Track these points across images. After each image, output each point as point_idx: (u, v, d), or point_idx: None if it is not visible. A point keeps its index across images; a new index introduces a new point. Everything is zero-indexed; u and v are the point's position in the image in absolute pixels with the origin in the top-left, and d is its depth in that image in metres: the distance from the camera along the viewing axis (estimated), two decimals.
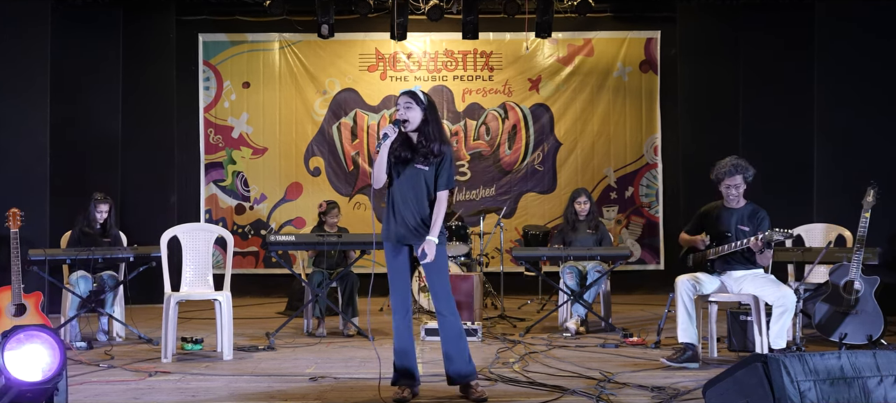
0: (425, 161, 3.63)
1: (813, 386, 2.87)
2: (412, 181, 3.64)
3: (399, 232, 3.67)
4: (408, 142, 3.67)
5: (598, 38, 9.10)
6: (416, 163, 3.63)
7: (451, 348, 3.69)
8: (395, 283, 3.74)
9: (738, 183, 4.60)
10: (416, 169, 3.63)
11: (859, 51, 6.49)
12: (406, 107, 3.62)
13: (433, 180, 3.65)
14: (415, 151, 3.64)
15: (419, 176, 3.63)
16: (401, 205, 3.66)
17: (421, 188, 3.64)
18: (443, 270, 3.69)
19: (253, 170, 9.03)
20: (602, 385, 3.93)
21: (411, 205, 3.64)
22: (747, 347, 4.95)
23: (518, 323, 6.41)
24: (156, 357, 4.90)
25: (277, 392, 3.89)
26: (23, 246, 5.22)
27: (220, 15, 8.93)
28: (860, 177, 5.32)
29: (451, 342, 3.69)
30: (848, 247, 5.35)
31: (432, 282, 3.69)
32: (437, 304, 3.70)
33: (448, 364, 3.71)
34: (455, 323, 3.69)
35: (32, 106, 6.63)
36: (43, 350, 3.07)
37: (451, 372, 3.71)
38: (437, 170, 3.64)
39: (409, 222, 3.65)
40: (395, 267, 3.73)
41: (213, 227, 5.56)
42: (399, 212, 3.66)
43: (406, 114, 3.61)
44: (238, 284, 7.29)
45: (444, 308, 3.68)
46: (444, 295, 3.68)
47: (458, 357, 3.68)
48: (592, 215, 6.35)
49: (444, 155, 3.65)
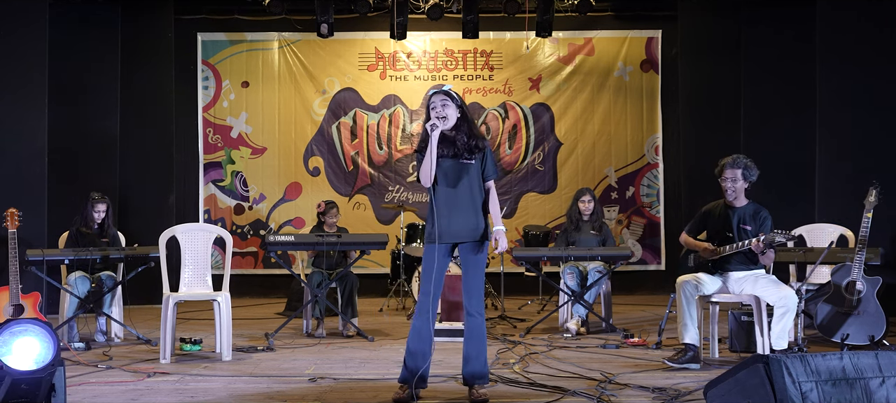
0: (471, 156, 3.66)
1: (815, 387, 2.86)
2: (461, 177, 3.64)
3: (451, 231, 3.63)
4: (447, 140, 3.66)
5: (598, 38, 9.08)
6: (462, 159, 3.65)
7: (472, 349, 3.68)
8: (429, 285, 3.65)
9: (736, 177, 4.58)
10: (463, 164, 3.65)
11: (862, 48, 6.46)
12: (443, 105, 3.63)
13: (480, 173, 3.69)
14: (458, 148, 3.65)
15: (468, 170, 3.65)
16: (453, 203, 3.63)
17: (471, 183, 3.66)
18: (482, 270, 3.70)
19: (252, 169, 9.01)
20: (603, 386, 3.92)
21: (464, 202, 3.64)
22: (749, 348, 4.94)
23: (518, 323, 6.39)
24: (154, 357, 4.89)
25: (276, 393, 3.87)
26: (21, 246, 5.20)
27: (218, 14, 8.92)
28: (862, 177, 5.31)
29: (474, 342, 3.68)
30: (850, 248, 5.33)
31: (469, 280, 3.67)
32: (469, 303, 3.68)
33: (466, 364, 3.70)
34: (481, 325, 3.68)
35: (30, 105, 6.60)
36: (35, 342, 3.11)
37: (467, 373, 3.70)
38: (482, 162, 3.69)
39: (464, 219, 3.63)
40: (440, 267, 3.67)
41: (212, 227, 5.54)
42: (453, 211, 3.63)
43: (444, 111, 3.62)
44: (237, 284, 7.28)
45: (475, 307, 3.67)
46: (477, 295, 3.68)
47: (476, 358, 3.68)
48: (596, 215, 6.33)
49: (485, 148, 3.72)
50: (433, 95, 3.67)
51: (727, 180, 4.61)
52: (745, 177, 4.60)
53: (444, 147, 3.64)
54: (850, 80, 6.49)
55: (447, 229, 3.62)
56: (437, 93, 3.66)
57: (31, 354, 3.08)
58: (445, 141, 3.64)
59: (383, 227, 8.85)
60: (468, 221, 3.64)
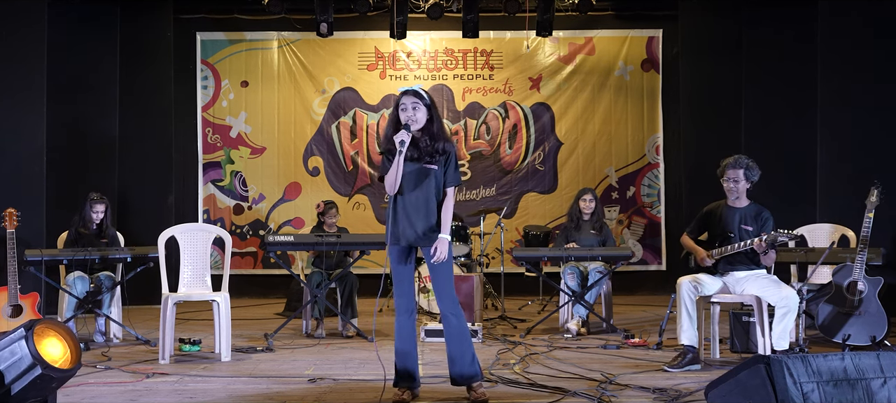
0: (433, 160, 3.61)
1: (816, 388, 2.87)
2: (421, 181, 3.61)
3: (408, 234, 3.62)
4: (413, 143, 3.62)
5: (599, 37, 9.06)
6: (424, 163, 3.61)
7: (455, 349, 3.67)
8: (400, 285, 3.70)
9: (739, 177, 4.57)
10: (425, 168, 3.61)
11: (864, 48, 6.44)
12: (414, 108, 3.59)
13: (442, 178, 3.64)
14: (421, 151, 3.61)
15: (428, 175, 3.61)
16: (410, 207, 3.61)
17: (430, 187, 3.62)
18: (448, 271, 3.67)
19: (251, 169, 8.99)
20: (603, 387, 3.91)
21: (421, 206, 3.61)
22: (750, 348, 4.93)
23: (519, 324, 6.37)
24: (153, 358, 4.88)
25: (276, 394, 3.87)
26: (19, 246, 5.18)
27: (217, 13, 8.90)
28: (864, 177, 5.29)
29: (455, 343, 3.67)
30: (851, 248, 5.32)
31: (438, 283, 3.67)
32: (441, 305, 3.67)
33: (451, 365, 3.70)
34: (459, 325, 3.66)
35: (29, 105, 6.58)
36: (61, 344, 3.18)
37: (455, 374, 3.70)
38: (444, 167, 3.64)
39: (420, 223, 3.61)
40: (401, 270, 3.69)
41: (212, 227, 5.53)
42: (408, 214, 3.61)
43: (415, 114, 3.59)
44: (236, 285, 7.25)
45: (449, 309, 3.66)
46: (448, 297, 3.66)
47: (461, 358, 3.66)
48: (597, 215, 6.32)
49: (450, 152, 3.65)
50: (403, 95, 3.62)
51: (729, 180, 4.60)
52: (747, 178, 4.59)
53: (409, 149, 3.58)
54: (851, 80, 6.47)
55: (403, 231, 3.61)
56: (408, 94, 3.62)
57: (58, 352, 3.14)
58: (411, 143, 3.59)
59: (383, 227, 8.79)
60: (425, 226, 3.61)
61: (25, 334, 3.02)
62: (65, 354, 3.17)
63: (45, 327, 3.15)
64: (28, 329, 3.04)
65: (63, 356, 3.16)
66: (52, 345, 3.13)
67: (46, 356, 3.06)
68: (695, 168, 8.16)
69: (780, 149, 7.32)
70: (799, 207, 6.74)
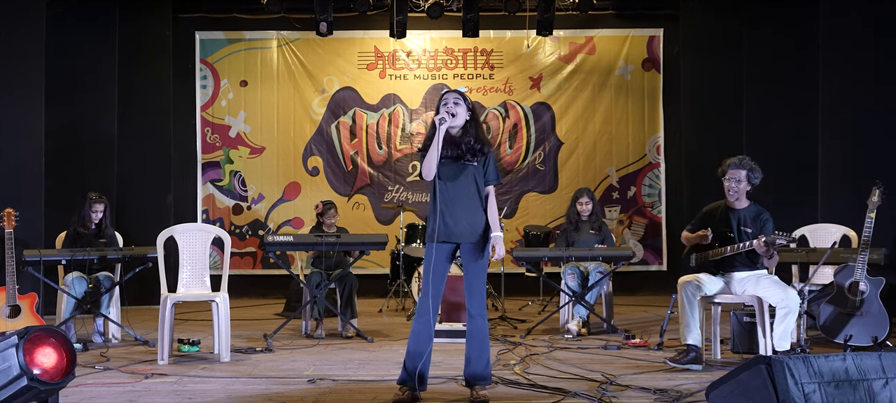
0: (474, 157, 3.69)
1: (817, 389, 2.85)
2: (463, 178, 3.68)
3: (452, 230, 3.66)
4: (453, 141, 3.70)
5: (599, 36, 9.04)
6: (465, 161, 3.68)
7: (474, 350, 3.69)
8: (433, 285, 3.66)
9: (740, 178, 4.56)
10: (466, 165, 3.68)
11: (865, 47, 6.42)
12: (455, 103, 3.69)
13: (482, 175, 3.72)
14: (462, 149, 3.69)
15: (469, 172, 3.68)
16: (452, 201, 3.66)
17: (472, 184, 3.69)
18: (484, 271, 3.72)
19: (250, 169, 8.97)
20: (604, 388, 3.90)
21: (465, 202, 3.67)
22: (751, 349, 4.91)
23: (519, 324, 6.36)
24: (152, 359, 4.86)
25: (275, 395, 3.85)
26: (18, 246, 5.17)
27: (217, 12, 8.89)
28: (866, 177, 5.27)
29: (476, 344, 3.69)
30: (853, 248, 5.31)
31: (470, 281, 3.69)
32: (470, 304, 3.70)
33: (467, 365, 3.71)
34: (483, 326, 3.69)
35: (27, 104, 6.57)
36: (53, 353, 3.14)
37: (469, 375, 3.71)
38: (484, 166, 3.72)
39: (465, 218, 3.66)
40: (439, 269, 3.68)
41: (211, 227, 5.52)
42: (451, 208, 3.65)
43: (455, 110, 3.67)
44: (235, 285, 7.23)
45: (477, 309, 3.69)
46: (479, 296, 3.70)
47: (477, 360, 3.69)
48: (595, 215, 6.31)
49: (488, 154, 3.75)
50: (446, 93, 3.75)
51: (731, 180, 4.59)
52: (748, 179, 4.58)
53: (449, 147, 3.67)
54: (853, 80, 6.45)
55: (447, 227, 3.64)
56: (451, 93, 3.74)
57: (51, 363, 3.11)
58: (451, 141, 3.69)
59: (383, 227, 8.81)
60: (468, 221, 3.66)
61: (17, 342, 3.00)
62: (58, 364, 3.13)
63: (40, 335, 3.11)
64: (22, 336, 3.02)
65: (56, 366, 3.12)
66: (45, 355, 3.10)
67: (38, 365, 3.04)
68: (696, 168, 8.15)
69: (782, 149, 7.30)
70: (800, 207, 6.71)
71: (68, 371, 3.16)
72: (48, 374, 3.09)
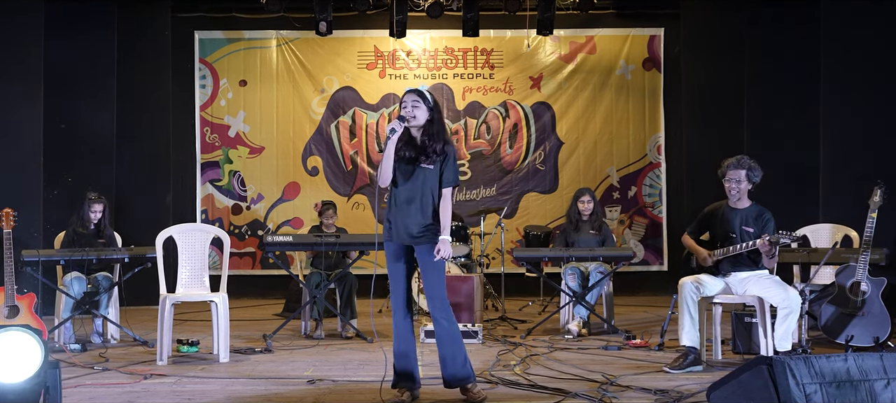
0: (430, 160, 3.63)
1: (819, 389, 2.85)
2: (417, 181, 3.64)
3: (403, 233, 3.66)
4: (412, 142, 3.66)
5: (600, 36, 9.02)
6: (421, 163, 3.63)
7: (447, 351, 3.68)
8: (396, 285, 3.74)
9: (740, 177, 4.55)
10: (422, 168, 3.63)
11: (867, 46, 6.40)
12: (414, 106, 3.63)
13: (438, 179, 3.65)
14: (419, 151, 3.64)
15: (424, 175, 3.64)
16: (405, 206, 3.65)
17: (426, 187, 3.64)
18: (440, 274, 3.68)
19: (250, 169, 8.96)
20: (604, 388, 3.89)
21: (417, 205, 3.64)
22: (752, 349, 4.90)
23: (519, 324, 6.34)
24: (151, 359, 4.85)
25: (275, 395, 3.84)
26: (16, 246, 5.15)
27: (216, 12, 8.88)
28: (867, 177, 5.26)
29: (446, 345, 3.68)
30: (854, 248, 5.29)
31: (429, 285, 3.68)
32: (431, 308, 3.69)
33: (444, 367, 3.71)
34: (450, 328, 3.67)
35: (26, 104, 6.56)
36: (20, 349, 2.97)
37: (447, 376, 3.71)
38: (441, 167, 3.65)
39: (415, 222, 3.64)
40: (396, 269, 3.73)
41: (210, 228, 5.51)
42: (403, 213, 3.65)
43: (413, 112, 3.62)
44: (235, 285, 7.18)
45: (439, 312, 3.67)
46: (439, 299, 3.67)
47: (452, 360, 3.67)
48: (596, 215, 6.29)
49: (449, 153, 3.67)
50: (406, 94, 3.68)
51: (731, 180, 4.58)
52: (749, 178, 4.57)
53: (407, 148, 3.64)
54: (855, 79, 6.43)
55: (398, 230, 3.66)
56: (410, 93, 3.67)
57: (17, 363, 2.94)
58: (410, 142, 3.66)
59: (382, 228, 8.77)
60: (417, 224, 3.63)
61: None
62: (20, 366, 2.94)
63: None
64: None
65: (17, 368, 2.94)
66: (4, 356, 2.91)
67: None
68: (696, 168, 8.13)
69: (783, 149, 7.28)
70: (801, 207, 6.70)
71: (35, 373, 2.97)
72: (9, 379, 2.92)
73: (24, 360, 2.95)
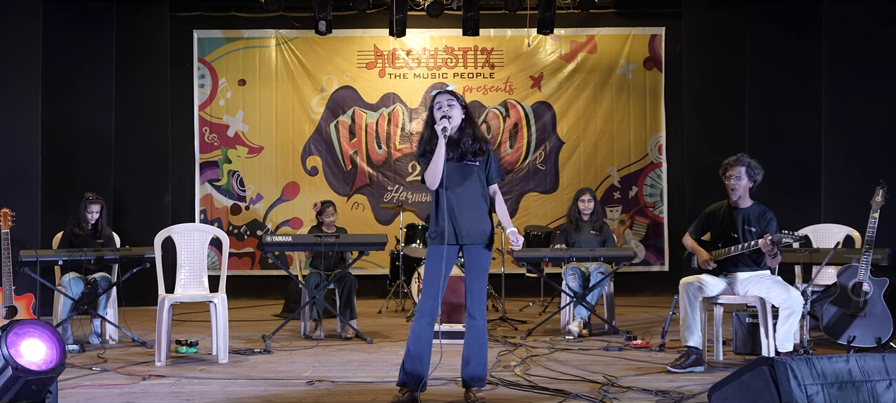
0: (475, 157, 3.67)
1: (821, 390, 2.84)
2: (468, 180, 3.66)
3: (460, 232, 3.63)
4: (451, 143, 3.67)
5: (601, 35, 9.00)
6: (466, 161, 3.66)
7: (473, 352, 3.68)
8: (430, 287, 3.66)
9: (740, 174, 4.54)
10: (468, 166, 3.67)
11: (869, 45, 6.38)
12: (449, 105, 3.64)
13: (484, 175, 3.70)
14: (462, 150, 3.66)
15: (472, 172, 3.67)
16: (457, 203, 3.63)
17: (476, 183, 3.67)
18: (486, 272, 3.72)
19: (249, 169, 8.94)
20: (605, 389, 3.88)
21: (472, 204, 3.65)
22: (754, 350, 4.90)
23: (520, 325, 6.33)
24: (149, 360, 4.84)
25: (274, 396, 3.83)
26: (14, 246, 5.14)
27: (215, 11, 8.85)
28: (869, 177, 5.24)
29: (474, 346, 3.68)
30: (857, 248, 5.27)
31: (472, 282, 3.68)
32: (471, 306, 3.68)
33: (465, 367, 3.70)
34: (482, 328, 3.68)
35: (23, 104, 6.53)
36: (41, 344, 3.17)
37: (466, 376, 3.70)
38: (486, 165, 3.71)
39: (469, 218, 3.64)
40: (438, 271, 3.64)
41: (209, 228, 5.49)
42: (455, 211, 3.63)
43: (450, 111, 3.63)
44: (234, 286, 7.18)
45: (477, 311, 3.67)
46: (480, 298, 3.69)
47: (476, 362, 3.68)
48: (597, 215, 6.28)
49: (489, 151, 3.74)
50: (438, 95, 3.69)
51: (732, 178, 4.57)
52: (749, 176, 4.56)
53: (449, 149, 3.64)
54: (857, 78, 6.41)
55: (455, 230, 3.63)
56: (443, 94, 3.68)
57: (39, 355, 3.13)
58: (450, 143, 3.65)
59: (382, 228, 8.77)
60: (478, 223, 3.65)
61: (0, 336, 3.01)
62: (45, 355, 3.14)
63: (25, 328, 3.12)
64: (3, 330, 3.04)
65: (43, 357, 3.13)
66: (30, 346, 3.12)
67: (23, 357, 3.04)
68: (698, 167, 8.10)
69: (785, 148, 7.27)
70: (803, 207, 6.69)
71: (58, 361, 3.16)
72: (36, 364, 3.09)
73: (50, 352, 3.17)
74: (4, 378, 2.98)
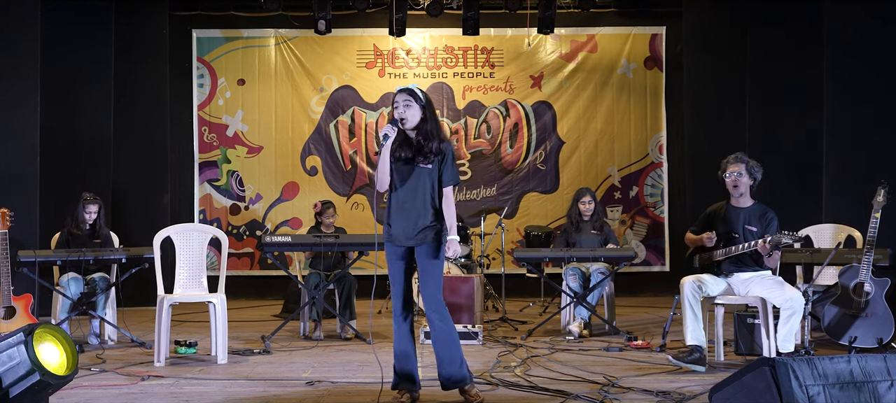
0: (427, 159, 3.60)
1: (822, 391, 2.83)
2: (416, 181, 3.61)
3: (403, 234, 3.63)
4: (407, 142, 3.63)
5: (601, 34, 8.99)
6: (418, 163, 3.60)
7: (443, 353, 3.66)
8: (394, 287, 3.71)
9: (741, 171, 4.53)
10: (420, 168, 3.60)
11: (870, 46, 6.36)
12: (405, 105, 3.58)
13: (437, 178, 3.62)
14: (415, 150, 3.60)
15: (423, 175, 3.60)
16: (405, 207, 3.62)
17: (425, 187, 3.61)
18: (438, 275, 3.65)
19: (248, 169, 8.92)
20: (606, 390, 3.88)
21: (417, 206, 3.61)
22: (755, 350, 4.89)
23: (520, 325, 6.32)
24: (148, 360, 4.83)
25: (273, 397, 3.83)
26: (12, 246, 5.12)
27: (214, 10, 8.84)
28: (870, 177, 5.22)
29: (443, 347, 3.65)
30: (858, 249, 5.26)
31: (425, 286, 3.65)
32: (427, 310, 3.66)
33: (440, 368, 3.69)
34: (444, 328, 3.64)
35: (22, 103, 6.52)
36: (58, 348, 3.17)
37: (443, 377, 3.69)
38: (440, 167, 3.61)
39: (415, 223, 3.61)
40: (397, 270, 3.69)
41: (208, 228, 5.48)
42: (403, 214, 3.62)
43: (405, 112, 3.57)
44: (233, 286, 7.16)
45: (435, 313, 3.64)
46: (434, 301, 3.64)
47: (449, 361, 3.65)
48: (597, 215, 6.27)
49: (446, 151, 3.64)
50: (397, 94, 3.63)
51: (732, 175, 4.57)
52: (749, 173, 4.56)
53: (403, 149, 3.61)
54: (858, 78, 6.40)
55: (398, 232, 3.63)
56: (402, 92, 3.62)
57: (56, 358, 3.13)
58: (405, 142, 3.62)
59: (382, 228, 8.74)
60: (417, 226, 3.60)
61: (24, 339, 3.00)
62: (62, 360, 3.14)
63: (43, 332, 3.12)
64: (27, 333, 3.03)
65: (61, 361, 3.13)
66: (50, 351, 3.12)
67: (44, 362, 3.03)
68: (698, 167, 8.09)
69: (785, 149, 7.25)
70: (804, 207, 6.67)
71: (74, 366, 3.17)
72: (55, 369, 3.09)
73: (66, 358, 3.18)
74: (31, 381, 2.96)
